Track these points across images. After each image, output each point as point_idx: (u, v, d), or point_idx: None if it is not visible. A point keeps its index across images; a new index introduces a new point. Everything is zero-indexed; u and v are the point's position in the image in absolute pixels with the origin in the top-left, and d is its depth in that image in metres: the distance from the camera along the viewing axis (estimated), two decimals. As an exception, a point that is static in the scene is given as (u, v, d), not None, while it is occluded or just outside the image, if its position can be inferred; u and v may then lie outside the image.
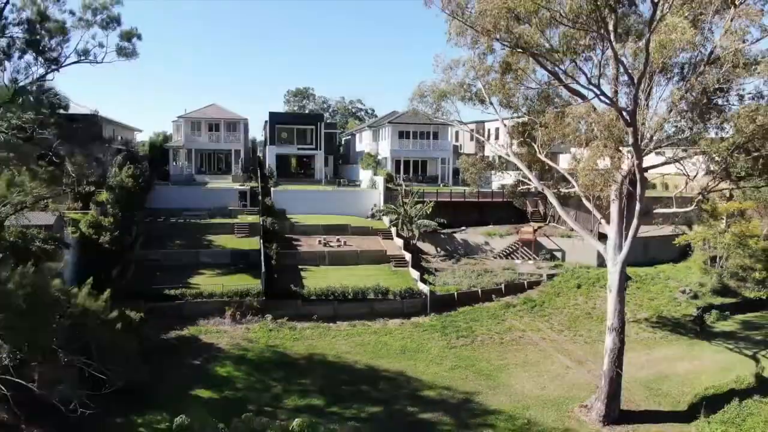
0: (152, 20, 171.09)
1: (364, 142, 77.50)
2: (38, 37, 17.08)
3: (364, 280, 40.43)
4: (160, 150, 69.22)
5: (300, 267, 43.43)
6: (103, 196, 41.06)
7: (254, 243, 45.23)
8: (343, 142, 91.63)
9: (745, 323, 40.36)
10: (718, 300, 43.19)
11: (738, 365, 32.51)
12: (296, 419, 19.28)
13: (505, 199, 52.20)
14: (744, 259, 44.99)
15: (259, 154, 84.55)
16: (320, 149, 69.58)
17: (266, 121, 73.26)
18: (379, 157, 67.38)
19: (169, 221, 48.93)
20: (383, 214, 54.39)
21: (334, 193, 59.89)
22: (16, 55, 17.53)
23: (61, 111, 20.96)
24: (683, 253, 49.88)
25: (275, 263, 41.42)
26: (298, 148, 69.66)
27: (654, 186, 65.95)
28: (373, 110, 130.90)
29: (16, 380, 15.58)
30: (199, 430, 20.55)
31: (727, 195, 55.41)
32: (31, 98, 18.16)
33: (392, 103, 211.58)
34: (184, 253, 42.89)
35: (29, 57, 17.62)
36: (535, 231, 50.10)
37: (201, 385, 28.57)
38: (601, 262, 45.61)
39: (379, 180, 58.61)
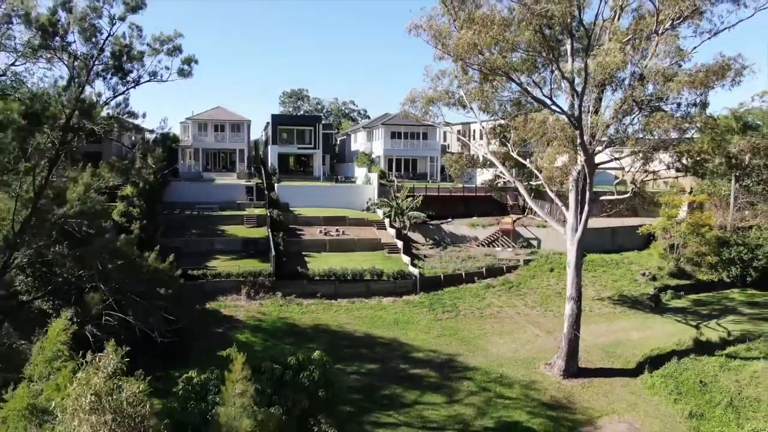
0: (152, 20, 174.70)
1: (359, 142, 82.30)
2: (123, 63, 21.74)
3: (361, 264, 45.25)
4: (169, 149, 73.72)
5: (303, 253, 48.23)
6: (128, 190, 45.61)
7: (262, 232, 50.03)
8: (338, 142, 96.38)
9: (695, 301, 45.51)
10: (674, 282, 48.36)
11: (682, 333, 37.54)
12: (316, 351, 22.74)
13: (487, 194, 57.44)
14: (699, 247, 50.08)
15: (261, 153, 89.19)
16: (318, 148, 74.34)
17: (268, 123, 77.95)
18: (373, 156, 72.24)
19: (185, 213, 53.56)
20: (377, 207, 59.25)
21: (333, 189, 64.78)
22: (108, 77, 22.18)
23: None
24: (647, 241, 54.98)
25: (282, 249, 46.21)
26: (298, 148, 74.37)
27: (624, 182, 71.26)
28: (365, 111, 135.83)
29: (119, 314, 20.20)
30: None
31: (688, 190, 61.07)
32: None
33: (384, 103, 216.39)
34: (201, 241, 47.65)
35: (115, 79, 22.26)
36: (514, 222, 55.13)
37: (225, 348, 33.25)
38: (572, 249, 50.81)
39: (374, 176, 63.47)
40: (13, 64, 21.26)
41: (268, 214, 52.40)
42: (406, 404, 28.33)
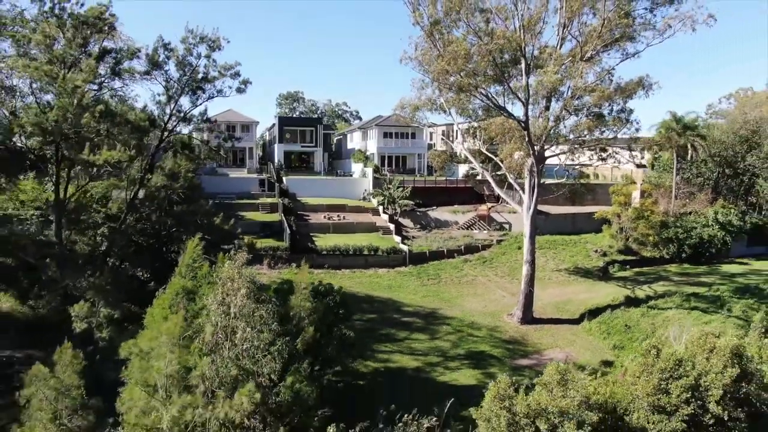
0: (152, 20, 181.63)
1: (354, 141, 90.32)
2: (202, 84, 29.60)
3: (360, 242, 53.34)
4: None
5: (311, 234, 56.20)
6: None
7: (275, 217, 57.97)
8: (335, 141, 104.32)
9: (637, 272, 53.96)
10: (622, 257, 56.87)
11: (619, 293, 45.99)
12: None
13: (467, 185, 65.89)
14: (646, 229, 58.62)
15: (267, 150, 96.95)
16: (319, 147, 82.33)
17: (274, 123, 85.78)
18: (368, 153, 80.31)
19: (209, 202, 61.22)
20: (372, 197, 67.32)
21: (333, 181, 72.84)
22: (191, 93, 30.05)
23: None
24: (603, 225, 63.41)
25: (294, 230, 54.19)
26: (301, 146, 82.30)
27: (588, 176, 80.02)
28: (358, 112, 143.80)
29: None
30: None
31: (639, 183, 69.79)
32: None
33: (376, 103, 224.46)
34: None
35: (197, 95, 30.18)
36: (489, 209, 63.43)
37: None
38: (539, 232, 59.27)
39: (369, 171, 71.57)
40: (122, 83, 29.19)
41: (280, 201, 60.36)
42: (399, 339, 36.53)
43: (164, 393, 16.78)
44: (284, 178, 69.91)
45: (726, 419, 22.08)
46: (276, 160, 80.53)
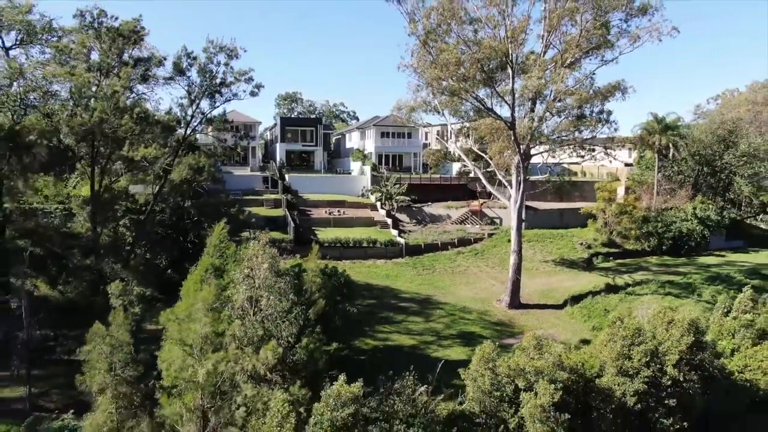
0: (153, 21, 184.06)
1: (353, 140, 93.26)
2: (220, 88, 32.62)
3: (359, 235, 56.34)
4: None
5: (313, 228, 59.18)
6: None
7: (279, 212, 60.89)
8: (334, 140, 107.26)
9: (619, 264, 57.08)
10: (605, 250, 59.98)
11: (601, 282, 49.14)
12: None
13: (460, 182, 69.12)
14: (628, 223, 61.76)
15: (269, 149, 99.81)
16: (319, 146, 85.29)
17: (275, 123, 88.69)
18: (366, 152, 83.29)
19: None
20: (371, 193, 70.30)
21: (333, 178, 75.86)
22: (210, 96, 33.06)
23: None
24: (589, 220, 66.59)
25: (297, 223, 57.15)
26: (302, 145, 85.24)
27: (575, 173, 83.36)
28: (355, 112, 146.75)
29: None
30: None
31: (623, 181, 72.98)
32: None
33: (374, 103, 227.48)
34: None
35: (215, 97, 33.22)
36: (481, 204, 66.51)
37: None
38: (528, 226, 62.52)
39: (367, 169, 74.58)
40: (149, 88, 32.26)
41: (284, 197, 63.33)
42: (396, 321, 39.57)
43: (199, 351, 19.78)
44: (286, 176, 72.88)
45: (681, 380, 25.26)
46: (278, 159, 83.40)
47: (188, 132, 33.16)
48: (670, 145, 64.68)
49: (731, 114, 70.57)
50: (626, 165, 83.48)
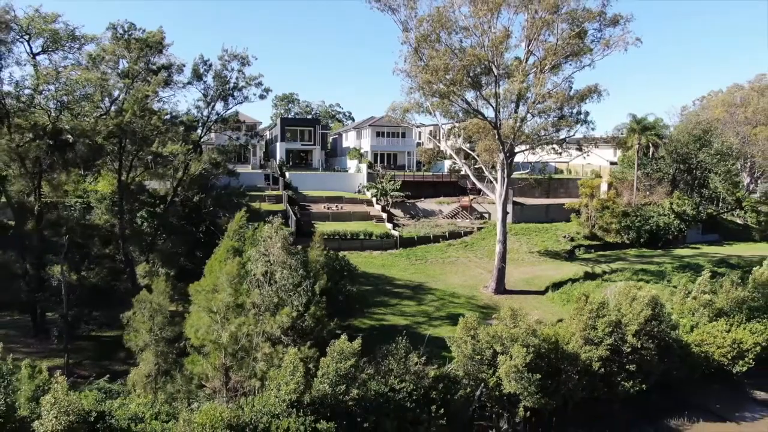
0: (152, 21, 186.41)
1: (349, 140, 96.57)
2: (233, 92, 35.91)
3: (356, 229, 59.60)
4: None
5: (313, 221, 62.38)
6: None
7: (280, 207, 64.03)
8: (331, 140, 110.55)
9: (600, 255, 60.60)
10: (587, 242, 63.52)
11: (581, 270, 52.58)
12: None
13: (452, 179, 72.47)
14: (610, 218, 65.30)
15: (269, 148, 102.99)
16: (317, 145, 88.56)
17: (275, 123, 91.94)
18: (362, 151, 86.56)
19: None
20: (367, 189, 73.63)
21: (331, 176, 79.17)
22: (224, 99, 36.33)
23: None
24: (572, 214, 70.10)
25: (298, 217, 60.38)
26: (301, 144, 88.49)
27: (561, 171, 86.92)
28: (350, 113, 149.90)
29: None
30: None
31: (605, 178, 76.41)
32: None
33: (370, 103, 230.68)
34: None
35: (228, 100, 36.48)
36: (471, 200, 69.90)
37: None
38: (515, 221, 66.06)
39: (363, 167, 77.88)
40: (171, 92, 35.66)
41: (285, 193, 66.55)
42: (391, 305, 42.87)
43: (223, 317, 23.04)
44: (287, 173, 76.11)
45: (640, 348, 28.72)
46: (278, 157, 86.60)
47: (204, 131, 36.52)
48: (650, 144, 68.20)
49: (707, 114, 74.09)
50: (611, 164, 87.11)
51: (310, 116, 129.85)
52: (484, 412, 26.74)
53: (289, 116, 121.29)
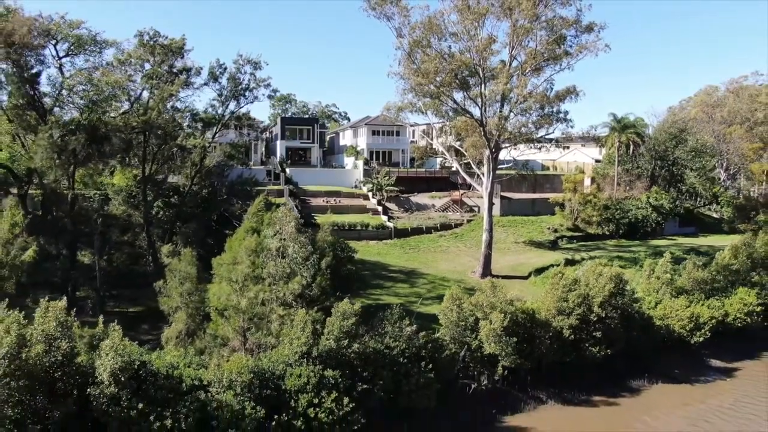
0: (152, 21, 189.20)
1: (346, 138, 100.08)
2: (245, 92, 39.52)
3: (354, 220, 63.17)
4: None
5: (313, 214, 65.90)
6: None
7: (282, 200, 67.21)
8: (328, 138, 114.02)
9: (581, 245, 64.31)
10: (570, 233, 67.30)
11: (561, 258, 56.25)
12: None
13: (443, 175, 76.16)
14: (591, 211, 69.02)
15: (269, 145, 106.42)
16: (315, 143, 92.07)
17: (276, 122, 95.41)
18: (359, 149, 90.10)
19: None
20: (363, 185, 77.21)
21: (329, 172, 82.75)
22: (237, 98, 39.92)
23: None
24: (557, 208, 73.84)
25: (299, 209, 63.88)
26: (300, 142, 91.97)
27: (548, 168, 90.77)
28: (346, 113, 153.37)
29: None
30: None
31: (587, 174, 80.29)
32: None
33: (366, 102, 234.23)
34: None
35: (240, 99, 40.07)
36: (461, 195, 73.58)
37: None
38: (503, 214, 69.82)
39: (359, 163, 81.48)
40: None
41: (286, 188, 70.06)
42: (386, 287, 46.46)
43: (242, 286, 26.60)
44: (287, 170, 79.60)
45: (605, 317, 32.45)
46: (278, 154, 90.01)
47: (220, 127, 40.13)
48: (630, 143, 72.02)
49: (684, 114, 78.02)
50: (596, 161, 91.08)
51: (307, 116, 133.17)
52: (468, 372, 30.46)
53: (288, 116, 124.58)
